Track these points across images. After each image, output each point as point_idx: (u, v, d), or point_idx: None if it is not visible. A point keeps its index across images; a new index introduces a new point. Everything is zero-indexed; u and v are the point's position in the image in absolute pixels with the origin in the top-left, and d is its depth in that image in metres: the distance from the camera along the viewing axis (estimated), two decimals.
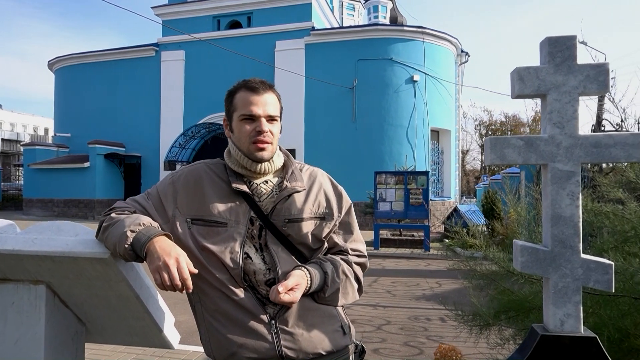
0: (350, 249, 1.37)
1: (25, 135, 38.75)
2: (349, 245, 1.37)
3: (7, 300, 1.41)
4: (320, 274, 1.25)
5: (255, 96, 1.28)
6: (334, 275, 1.28)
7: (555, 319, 1.15)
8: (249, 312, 1.21)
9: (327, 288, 1.26)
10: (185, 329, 4.16)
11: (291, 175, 1.33)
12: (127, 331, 1.59)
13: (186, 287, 1.10)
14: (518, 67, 1.17)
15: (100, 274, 1.33)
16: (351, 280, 1.33)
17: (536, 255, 1.16)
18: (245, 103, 1.28)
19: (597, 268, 1.13)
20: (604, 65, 1.13)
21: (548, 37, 1.17)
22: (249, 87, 1.29)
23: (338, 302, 1.30)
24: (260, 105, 1.27)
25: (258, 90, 1.28)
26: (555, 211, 1.15)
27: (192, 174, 1.33)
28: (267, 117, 1.28)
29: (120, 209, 1.29)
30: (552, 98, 1.16)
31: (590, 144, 1.14)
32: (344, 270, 1.32)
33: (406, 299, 5.95)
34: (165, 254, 1.10)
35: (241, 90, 1.30)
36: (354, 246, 1.39)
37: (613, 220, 1.83)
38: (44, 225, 1.41)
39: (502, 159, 1.17)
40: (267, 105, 1.28)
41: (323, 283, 1.25)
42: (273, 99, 1.31)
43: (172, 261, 1.09)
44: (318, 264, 1.28)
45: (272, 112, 1.29)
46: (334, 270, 1.29)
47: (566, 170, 1.15)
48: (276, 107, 1.32)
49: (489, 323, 2.35)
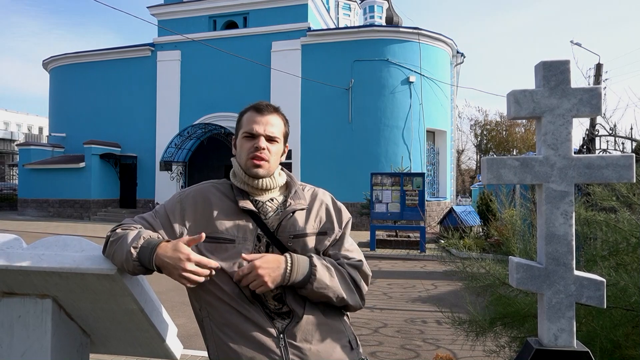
0: (341, 255, 1.39)
1: (20, 134, 38.50)
2: (340, 252, 1.40)
3: (13, 313, 1.44)
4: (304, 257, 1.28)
5: (259, 116, 1.35)
6: (319, 258, 1.30)
7: (549, 334, 1.19)
8: (258, 326, 1.24)
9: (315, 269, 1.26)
10: (184, 332, 4.19)
11: (294, 194, 1.39)
12: (131, 342, 1.62)
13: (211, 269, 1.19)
14: (514, 90, 1.21)
15: (106, 289, 1.36)
16: (346, 278, 1.34)
17: (531, 272, 1.20)
18: (248, 122, 1.36)
19: (590, 285, 1.18)
20: (596, 89, 1.17)
21: (543, 61, 1.21)
22: (255, 108, 1.37)
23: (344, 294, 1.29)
24: (262, 124, 1.34)
25: (262, 111, 1.36)
26: (549, 230, 1.19)
27: (199, 192, 1.38)
28: (267, 136, 1.34)
29: (127, 225, 1.32)
30: (547, 120, 1.20)
31: (583, 165, 1.18)
32: (332, 263, 1.33)
33: (402, 301, 6.00)
34: (175, 258, 1.15)
35: (248, 111, 1.38)
36: (345, 253, 1.41)
37: (606, 231, 1.88)
38: (50, 240, 1.44)
39: (498, 179, 1.21)
40: (268, 125, 1.35)
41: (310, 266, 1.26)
42: (277, 121, 1.38)
43: (184, 263, 1.14)
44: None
45: (273, 133, 1.35)
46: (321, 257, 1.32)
47: (560, 190, 1.19)
48: (279, 129, 1.38)
49: (485, 329, 2.39)
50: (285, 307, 1.29)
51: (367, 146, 16.49)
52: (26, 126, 44.66)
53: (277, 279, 1.21)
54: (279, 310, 1.29)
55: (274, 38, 17.71)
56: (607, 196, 2.32)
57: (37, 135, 38.27)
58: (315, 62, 17.18)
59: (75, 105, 20.56)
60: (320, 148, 16.79)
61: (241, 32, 18.38)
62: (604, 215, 2.27)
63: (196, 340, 4.13)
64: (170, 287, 6.11)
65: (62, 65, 21.23)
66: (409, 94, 16.81)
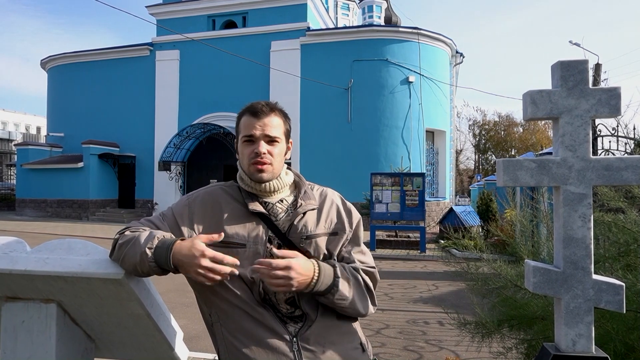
0: (357, 260, 1.38)
1: (17, 134, 38.36)
2: (355, 256, 1.38)
3: (17, 318, 1.41)
4: (329, 266, 1.26)
5: (256, 120, 1.31)
6: (342, 269, 1.28)
7: (567, 339, 1.17)
8: (271, 330, 1.22)
9: (338, 280, 1.24)
10: (185, 333, 4.13)
11: (304, 194, 1.37)
12: (137, 347, 1.59)
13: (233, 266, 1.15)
14: (531, 91, 1.19)
15: (112, 293, 1.33)
16: (362, 287, 1.33)
17: (548, 276, 1.17)
18: (245, 126, 1.32)
19: (609, 289, 1.15)
20: (616, 90, 1.15)
21: (560, 60, 1.18)
22: (251, 111, 1.33)
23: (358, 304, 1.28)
24: (260, 127, 1.30)
25: (258, 113, 1.32)
26: (567, 233, 1.17)
27: (208, 195, 1.35)
28: (266, 138, 1.31)
29: (135, 228, 1.30)
30: (565, 121, 1.17)
31: (602, 166, 1.15)
32: (351, 271, 1.32)
33: (404, 301, 5.97)
34: (190, 256, 1.13)
35: (245, 115, 1.34)
36: (360, 258, 1.39)
37: (616, 232, 1.85)
38: (54, 244, 1.41)
39: (514, 181, 1.19)
40: (266, 126, 1.31)
41: (334, 275, 1.25)
42: (275, 121, 1.33)
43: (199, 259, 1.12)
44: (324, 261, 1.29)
45: (272, 133, 1.31)
46: (343, 267, 1.30)
47: (578, 192, 1.16)
48: (278, 128, 1.34)
49: (492, 331, 2.37)
50: (298, 310, 1.27)
51: (366, 146, 16.46)
52: (24, 126, 44.52)
53: (302, 287, 1.19)
54: (292, 314, 1.27)
55: (273, 38, 17.67)
56: (614, 197, 2.31)
57: (35, 135, 38.12)
58: (315, 61, 17.15)
59: (73, 105, 20.48)
60: (320, 148, 16.75)
61: (240, 31, 18.33)
62: (612, 216, 2.26)
63: (198, 342, 4.10)
64: (170, 288, 6.08)
65: (60, 65, 21.15)
66: (408, 93, 16.79)
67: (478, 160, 43.09)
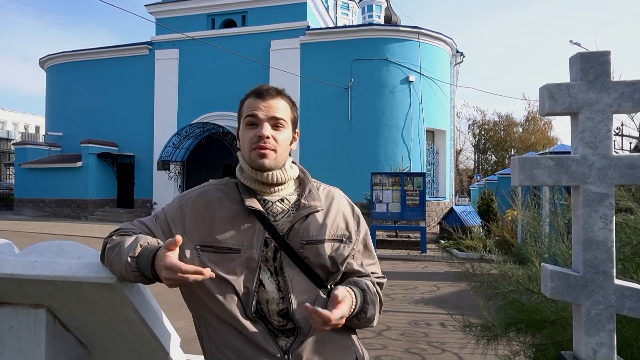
0: (372, 273, 1.31)
1: (16, 133, 38.24)
2: (369, 269, 1.32)
3: (4, 325, 1.34)
4: (359, 292, 1.19)
5: (260, 101, 1.21)
6: (369, 293, 1.22)
7: (587, 348, 1.10)
8: (261, 348, 1.13)
9: (367, 307, 1.18)
10: (183, 336, 4.06)
11: (309, 193, 1.25)
12: (131, 354, 1.51)
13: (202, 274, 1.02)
14: (548, 84, 1.12)
15: (105, 299, 1.26)
16: (377, 302, 1.26)
17: (567, 281, 1.10)
18: (249, 108, 1.21)
19: (632, 295, 1.08)
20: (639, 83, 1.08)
21: (580, 52, 1.11)
22: (256, 93, 1.23)
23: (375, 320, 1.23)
24: (264, 109, 1.20)
25: (264, 95, 1.21)
26: (587, 235, 1.10)
27: (200, 197, 1.25)
28: (271, 120, 1.20)
29: (124, 230, 1.22)
30: (585, 117, 1.10)
31: (625, 165, 1.08)
32: (376, 290, 1.26)
33: (405, 302, 5.91)
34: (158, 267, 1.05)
35: (249, 97, 1.24)
36: (374, 269, 1.33)
37: (629, 233, 1.79)
38: (44, 246, 1.33)
39: (531, 180, 1.12)
40: (271, 109, 1.20)
41: (363, 301, 1.19)
42: (281, 104, 1.23)
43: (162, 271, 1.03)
44: (352, 283, 1.22)
45: (277, 115, 1.20)
46: (368, 288, 1.23)
47: (599, 192, 1.09)
48: (284, 112, 1.23)
49: (499, 335, 2.30)
50: (290, 323, 1.17)
51: (366, 146, 16.40)
52: (23, 125, 44.40)
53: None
54: (283, 327, 1.17)
55: (273, 37, 17.60)
56: (623, 196, 2.24)
57: (34, 135, 37.97)
58: (315, 61, 17.08)
59: (72, 104, 20.39)
60: (320, 148, 16.67)
61: (240, 30, 18.26)
62: (621, 217, 2.19)
63: (196, 344, 4.02)
64: (168, 289, 5.99)
65: (59, 64, 21.06)
66: (408, 93, 16.73)
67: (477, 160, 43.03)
